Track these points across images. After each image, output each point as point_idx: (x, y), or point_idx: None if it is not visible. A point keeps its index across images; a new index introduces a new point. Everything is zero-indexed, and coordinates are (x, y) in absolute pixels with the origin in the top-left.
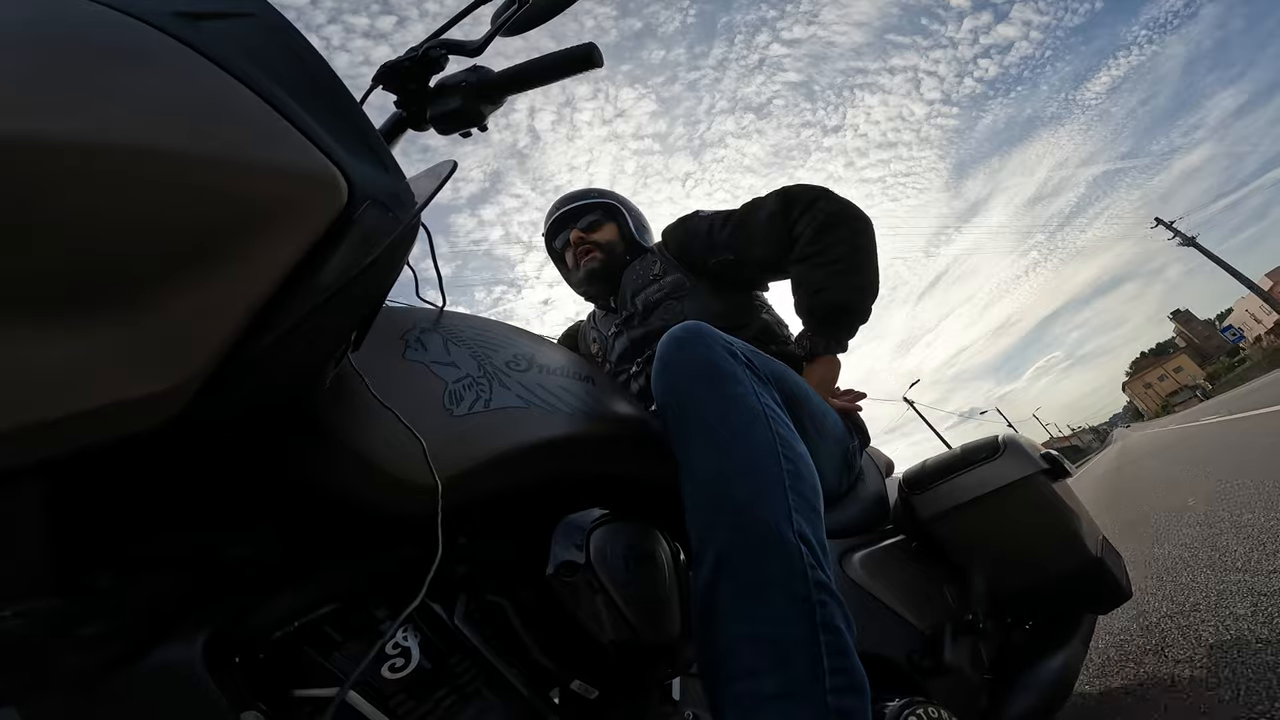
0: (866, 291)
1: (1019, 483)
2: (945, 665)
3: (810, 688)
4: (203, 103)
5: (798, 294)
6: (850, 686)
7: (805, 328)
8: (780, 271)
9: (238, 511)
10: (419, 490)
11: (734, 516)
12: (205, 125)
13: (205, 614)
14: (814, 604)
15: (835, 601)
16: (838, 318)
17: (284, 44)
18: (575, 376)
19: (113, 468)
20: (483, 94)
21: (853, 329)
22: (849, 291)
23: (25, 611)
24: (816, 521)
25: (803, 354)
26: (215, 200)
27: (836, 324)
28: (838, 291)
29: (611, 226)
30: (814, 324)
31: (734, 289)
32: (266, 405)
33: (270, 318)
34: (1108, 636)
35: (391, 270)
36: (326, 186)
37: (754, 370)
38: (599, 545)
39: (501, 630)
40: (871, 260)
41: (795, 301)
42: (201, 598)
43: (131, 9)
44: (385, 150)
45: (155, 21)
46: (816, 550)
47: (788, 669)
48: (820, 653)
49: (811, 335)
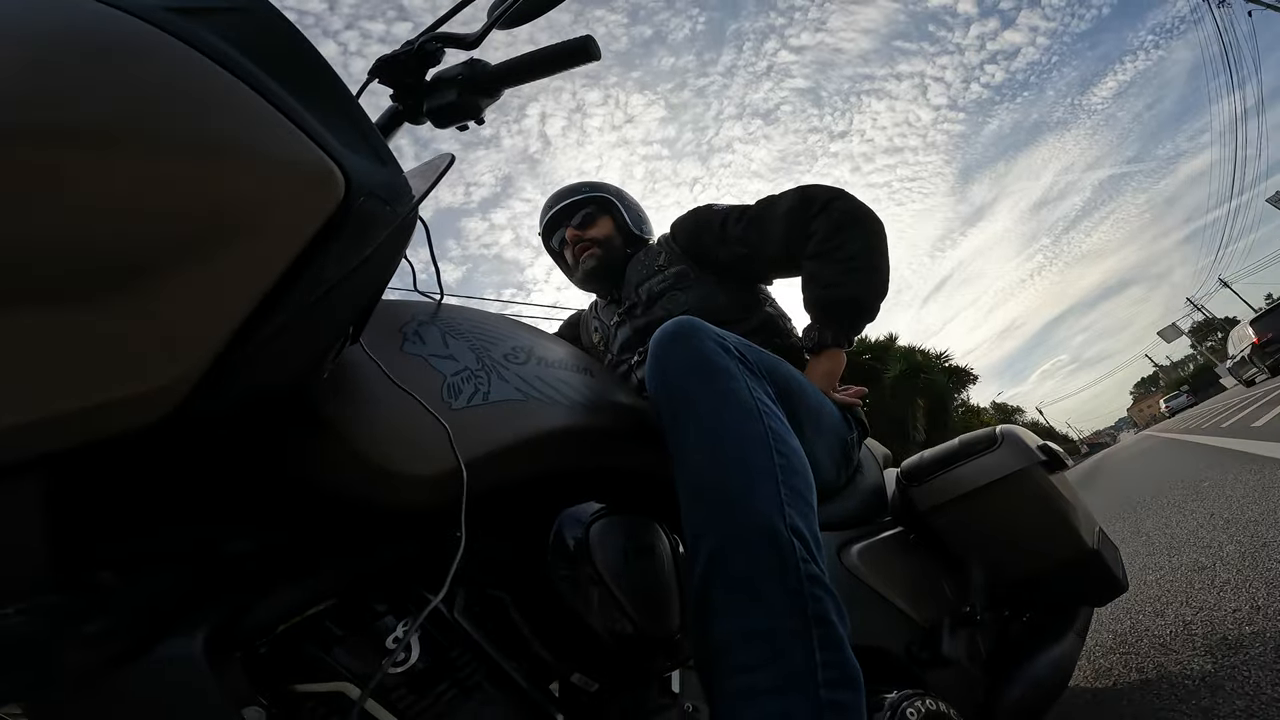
0: (877, 290)
1: (1016, 474)
2: (943, 657)
3: (803, 681)
4: (198, 98)
5: (808, 289)
6: (843, 680)
7: (813, 321)
8: (792, 267)
9: (237, 506)
10: (421, 482)
11: (726, 511)
12: (201, 120)
13: (206, 609)
14: (807, 598)
15: (828, 595)
16: (847, 313)
17: (279, 38)
18: (574, 369)
19: (113, 463)
20: (479, 87)
21: (859, 326)
22: (861, 288)
23: (27, 609)
24: (809, 515)
25: (809, 346)
26: (211, 195)
27: (845, 319)
28: (850, 288)
29: (607, 220)
30: (823, 318)
31: (739, 282)
32: (265, 399)
33: (268, 311)
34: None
35: (389, 263)
36: (323, 180)
37: (747, 364)
38: (599, 538)
39: (501, 624)
40: (884, 261)
41: (805, 297)
42: (202, 593)
43: (125, 4)
44: (382, 144)
45: (149, 16)
46: (810, 544)
47: (780, 663)
48: (813, 646)
49: (819, 329)
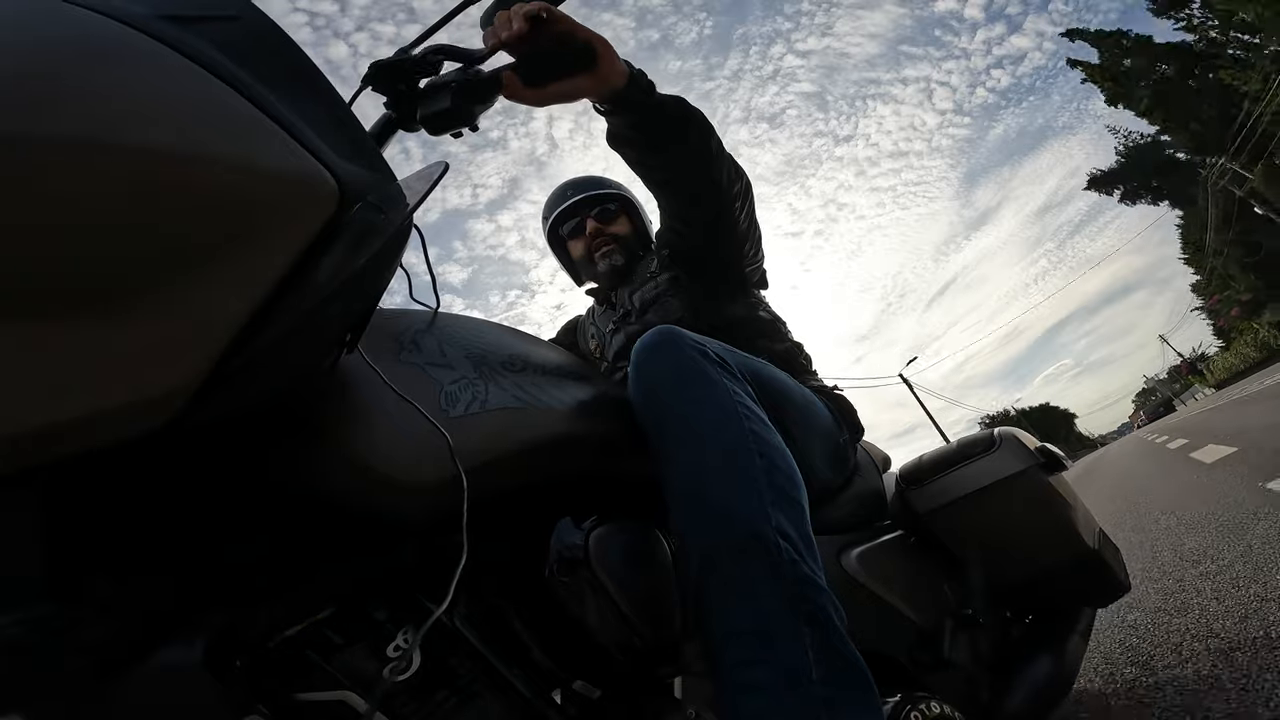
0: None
1: (1015, 476)
2: (945, 660)
3: (797, 678)
4: (190, 107)
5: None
6: (844, 676)
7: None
8: (698, 208)
9: (235, 515)
10: (419, 490)
11: (713, 517)
12: (193, 129)
13: (206, 618)
14: (799, 597)
15: (821, 593)
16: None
17: (271, 46)
18: (572, 376)
19: (112, 472)
20: (474, 93)
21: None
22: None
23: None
24: (797, 515)
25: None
26: (205, 205)
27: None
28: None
29: (625, 219)
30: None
31: (731, 287)
32: (261, 408)
33: (265, 320)
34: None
35: (385, 272)
36: (317, 189)
37: (728, 369)
38: (598, 545)
39: (502, 631)
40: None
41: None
42: (202, 602)
43: (117, 13)
44: (375, 151)
45: (142, 24)
46: (798, 544)
47: (775, 660)
48: (805, 644)
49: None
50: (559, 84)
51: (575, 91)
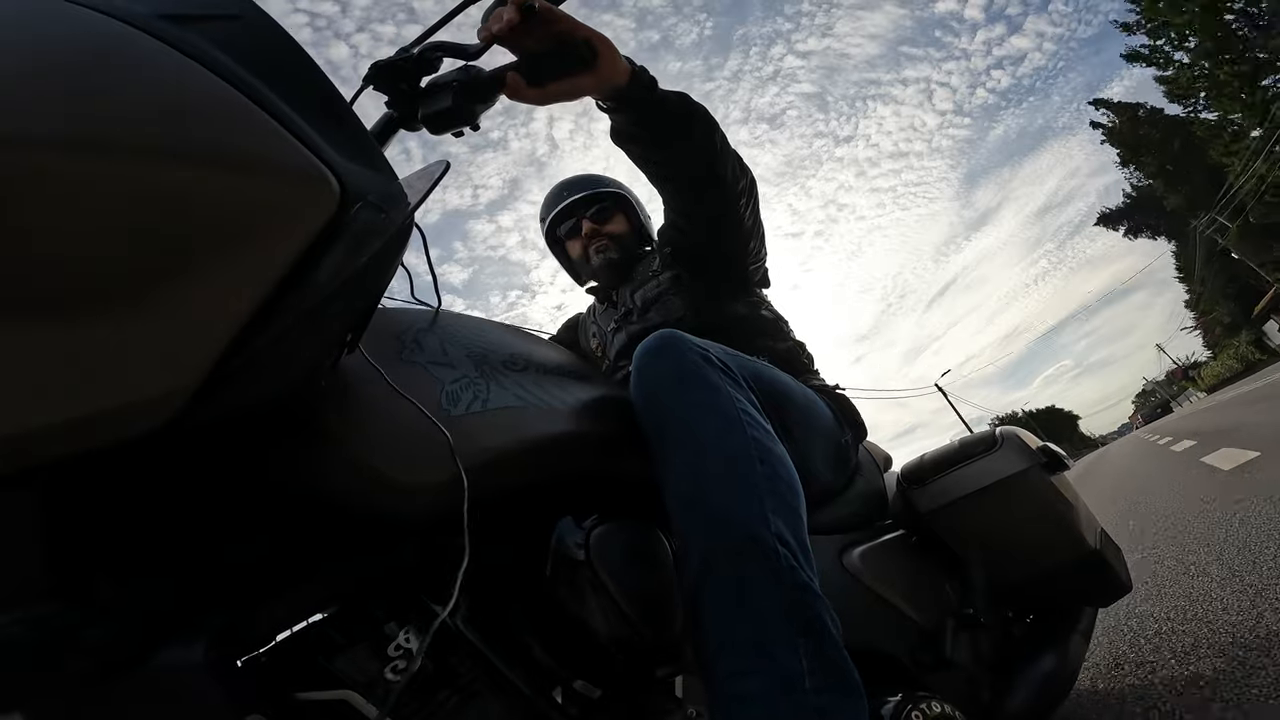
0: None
1: (1016, 476)
2: (946, 660)
3: (791, 687)
4: (191, 106)
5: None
6: (834, 684)
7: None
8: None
9: (236, 515)
10: (421, 490)
11: (712, 522)
12: (194, 129)
13: (208, 617)
14: (795, 605)
15: (818, 601)
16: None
17: (272, 46)
18: (573, 376)
19: (112, 472)
20: (476, 93)
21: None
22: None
23: (26, 617)
24: (796, 522)
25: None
26: (206, 204)
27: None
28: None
29: (622, 218)
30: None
31: (733, 286)
32: (262, 408)
33: (266, 319)
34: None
35: (386, 271)
36: (318, 188)
37: (730, 373)
38: (599, 544)
39: (503, 630)
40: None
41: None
42: (203, 601)
43: (118, 12)
44: (377, 151)
45: (143, 25)
46: (796, 551)
47: (770, 669)
48: (800, 653)
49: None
50: (560, 82)
51: (577, 90)
